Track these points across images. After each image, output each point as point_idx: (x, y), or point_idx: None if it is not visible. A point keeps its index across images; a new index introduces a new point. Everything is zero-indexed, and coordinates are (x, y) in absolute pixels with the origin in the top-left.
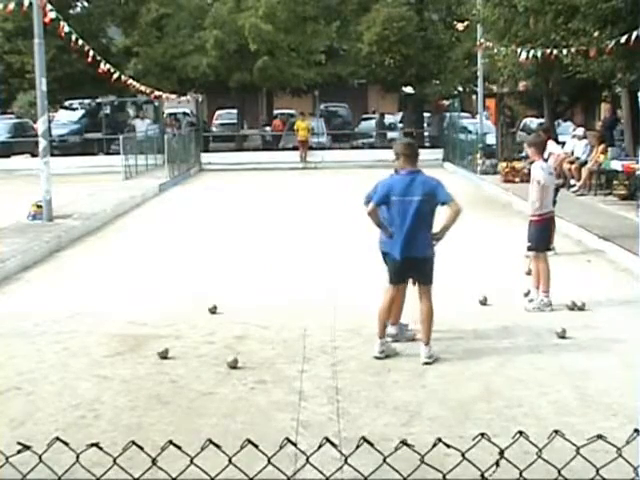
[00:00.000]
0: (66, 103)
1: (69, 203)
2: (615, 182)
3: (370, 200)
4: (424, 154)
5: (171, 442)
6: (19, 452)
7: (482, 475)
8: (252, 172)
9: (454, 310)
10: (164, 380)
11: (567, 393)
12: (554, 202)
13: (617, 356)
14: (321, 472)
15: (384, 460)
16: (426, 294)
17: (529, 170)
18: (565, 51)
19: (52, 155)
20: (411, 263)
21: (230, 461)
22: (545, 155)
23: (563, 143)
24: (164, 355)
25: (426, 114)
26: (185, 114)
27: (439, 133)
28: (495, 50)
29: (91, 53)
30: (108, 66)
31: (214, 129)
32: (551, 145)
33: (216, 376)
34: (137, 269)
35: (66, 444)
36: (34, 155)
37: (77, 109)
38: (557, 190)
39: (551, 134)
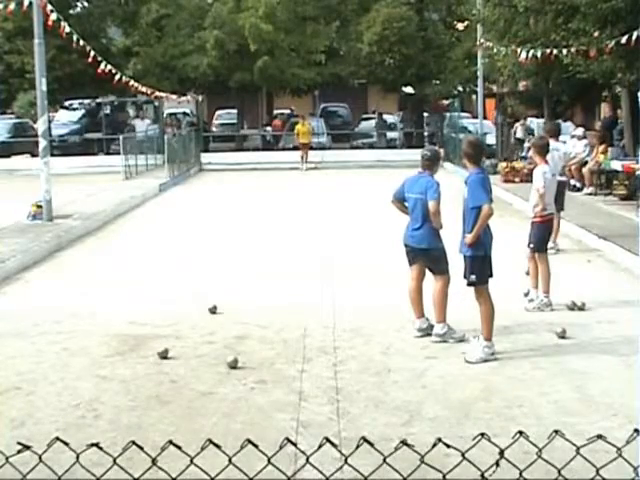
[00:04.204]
0: (66, 103)
1: (69, 203)
2: (615, 182)
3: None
4: None
5: (171, 442)
6: (19, 452)
7: (482, 475)
8: (252, 172)
9: (453, 310)
10: (164, 380)
11: (567, 393)
12: (562, 207)
13: (617, 356)
14: (321, 472)
15: (384, 460)
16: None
17: (529, 170)
18: (565, 51)
19: (52, 155)
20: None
21: (230, 461)
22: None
23: (563, 143)
24: (164, 355)
25: (426, 114)
26: (185, 114)
27: (438, 132)
28: (495, 50)
29: (92, 53)
30: (109, 66)
31: (214, 129)
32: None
33: (216, 376)
34: (137, 269)
35: (66, 444)
36: (34, 155)
37: (77, 109)
38: (563, 193)
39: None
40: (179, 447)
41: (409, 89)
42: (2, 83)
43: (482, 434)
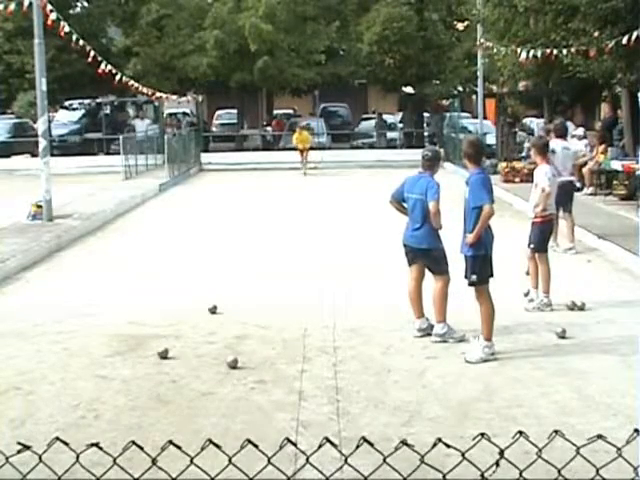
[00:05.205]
0: (66, 103)
1: (69, 203)
2: (615, 182)
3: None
4: None
5: (171, 442)
6: (19, 452)
7: (482, 475)
8: (252, 172)
9: (453, 310)
10: (164, 380)
11: (567, 393)
12: (570, 210)
13: (617, 356)
14: (321, 472)
15: (384, 460)
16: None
17: (529, 170)
18: (565, 51)
19: (52, 155)
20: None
21: (230, 461)
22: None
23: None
24: (164, 355)
25: (426, 114)
26: (185, 114)
27: (438, 132)
28: (495, 50)
29: (91, 53)
30: (109, 66)
31: (214, 129)
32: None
33: (216, 376)
34: (137, 269)
35: (66, 444)
36: (34, 155)
37: (77, 109)
38: (571, 193)
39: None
40: (179, 447)
41: (409, 89)
42: (2, 83)
43: (482, 434)
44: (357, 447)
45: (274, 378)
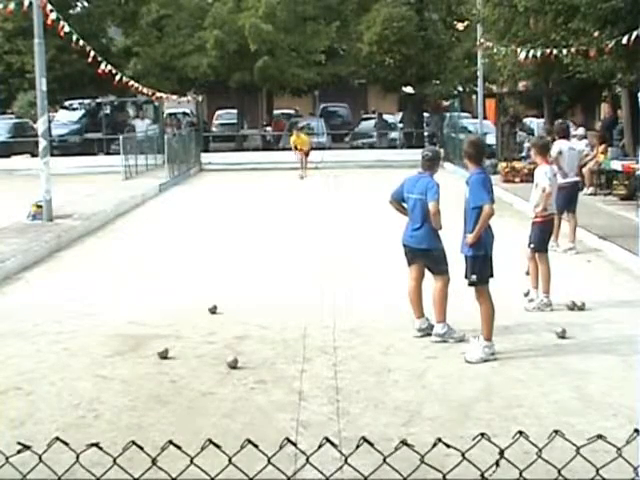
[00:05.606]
0: (66, 103)
1: (69, 203)
2: (615, 182)
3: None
4: None
5: (171, 442)
6: (19, 452)
7: (482, 475)
8: (252, 172)
9: (453, 310)
10: (164, 380)
11: (567, 393)
12: (574, 210)
13: (617, 356)
14: (321, 472)
15: (384, 460)
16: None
17: (529, 170)
18: (565, 51)
19: (52, 155)
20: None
21: (230, 461)
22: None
23: None
24: (164, 355)
25: (426, 114)
26: (185, 114)
27: (438, 132)
28: (495, 50)
29: (92, 53)
30: (109, 66)
31: (214, 129)
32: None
33: (216, 376)
34: (137, 269)
35: (66, 444)
36: (34, 155)
37: (77, 109)
38: (577, 193)
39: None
40: (179, 447)
41: (409, 89)
42: (2, 83)
43: (482, 434)
44: (357, 447)
45: (274, 378)
